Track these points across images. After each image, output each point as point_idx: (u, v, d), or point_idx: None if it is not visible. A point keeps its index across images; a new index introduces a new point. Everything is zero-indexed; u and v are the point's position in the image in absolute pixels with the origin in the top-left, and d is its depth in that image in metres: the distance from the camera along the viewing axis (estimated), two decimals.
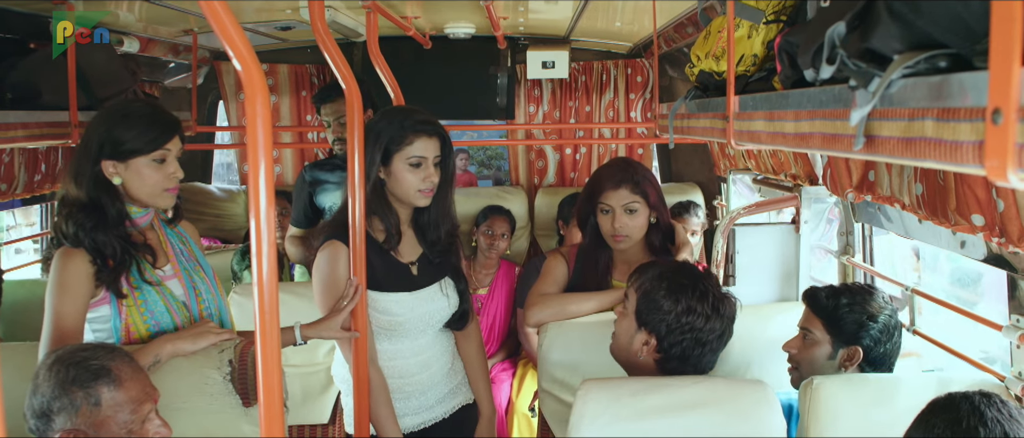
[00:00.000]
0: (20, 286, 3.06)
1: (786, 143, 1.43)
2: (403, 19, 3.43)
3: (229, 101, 4.54)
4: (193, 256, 2.19)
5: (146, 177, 1.99)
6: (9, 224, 5.39)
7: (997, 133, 0.74)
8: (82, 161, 1.98)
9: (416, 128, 2.21)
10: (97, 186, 1.97)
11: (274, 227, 1.13)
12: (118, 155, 1.96)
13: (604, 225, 2.46)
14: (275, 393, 1.14)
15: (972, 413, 1.43)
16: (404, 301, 2.29)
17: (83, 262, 1.94)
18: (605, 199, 2.44)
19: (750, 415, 1.81)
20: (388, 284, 2.28)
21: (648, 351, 1.97)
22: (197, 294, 2.12)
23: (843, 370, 2.02)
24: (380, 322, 2.28)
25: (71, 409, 1.59)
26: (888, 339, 2.01)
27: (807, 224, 2.91)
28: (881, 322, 2.00)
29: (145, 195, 2.01)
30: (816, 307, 2.07)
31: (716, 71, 2.02)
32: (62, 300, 1.91)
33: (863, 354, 2.00)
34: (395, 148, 2.20)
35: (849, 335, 2.00)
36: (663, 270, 2.02)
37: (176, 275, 2.10)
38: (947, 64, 0.91)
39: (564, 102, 4.68)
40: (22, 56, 2.52)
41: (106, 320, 1.99)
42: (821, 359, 2.04)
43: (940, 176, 1.83)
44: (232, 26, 1.08)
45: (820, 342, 2.05)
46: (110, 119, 1.99)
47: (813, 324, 2.06)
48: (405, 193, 2.23)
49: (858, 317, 2.00)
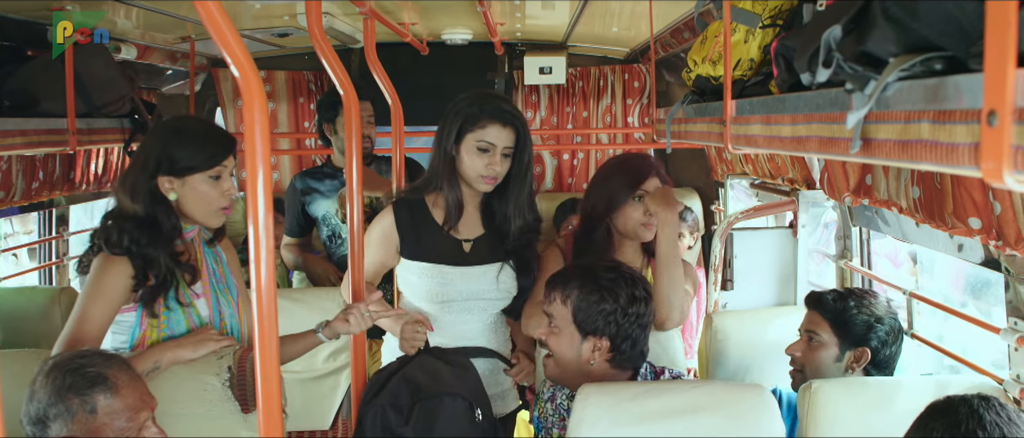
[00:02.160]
0: (18, 294, 3.05)
1: (783, 147, 1.44)
2: (400, 25, 3.43)
3: (227, 108, 4.54)
4: (223, 277, 2.18)
5: (202, 194, 1.99)
6: (7, 232, 5.38)
7: (992, 135, 0.74)
8: (138, 175, 1.98)
9: (493, 114, 2.23)
10: (153, 201, 1.97)
11: (272, 233, 1.13)
12: (174, 171, 1.97)
13: (634, 215, 2.33)
14: (274, 400, 1.14)
15: (970, 416, 1.43)
16: (448, 273, 2.30)
17: (125, 272, 1.94)
18: (645, 186, 2.34)
19: (749, 419, 1.80)
20: (435, 256, 2.30)
21: (601, 355, 1.96)
22: (221, 316, 2.11)
23: (850, 372, 2.03)
24: (422, 291, 2.30)
25: (67, 416, 1.59)
26: (894, 341, 2.04)
27: (805, 228, 2.92)
28: (887, 324, 2.02)
29: (199, 212, 2.02)
30: (823, 310, 2.08)
31: (713, 76, 2.03)
32: (93, 303, 1.91)
33: (871, 356, 2.01)
34: (468, 128, 2.23)
35: (858, 337, 2.03)
36: (583, 275, 1.99)
37: (205, 295, 2.09)
38: (942, 67, 0.91)
39: (561, 108, 4.69)
40: (20, 63, 2.52)
41: (128, 327, 1.99)
42: (828, 361, 2.06)
43: (937, 179, 1.83)
44: (230, 32, 1.08)
45: (827, 344, 2.06)
46: (167, 134, 2.00)
47: (819, 327, 2.07)
48: (468, 174, 2.26)
49: (866, 319, 2.02)
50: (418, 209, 2.32)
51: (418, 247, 2.31)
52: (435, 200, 2.34)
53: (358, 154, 2.12)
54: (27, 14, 2.48)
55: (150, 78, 3.81)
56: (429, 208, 2.33)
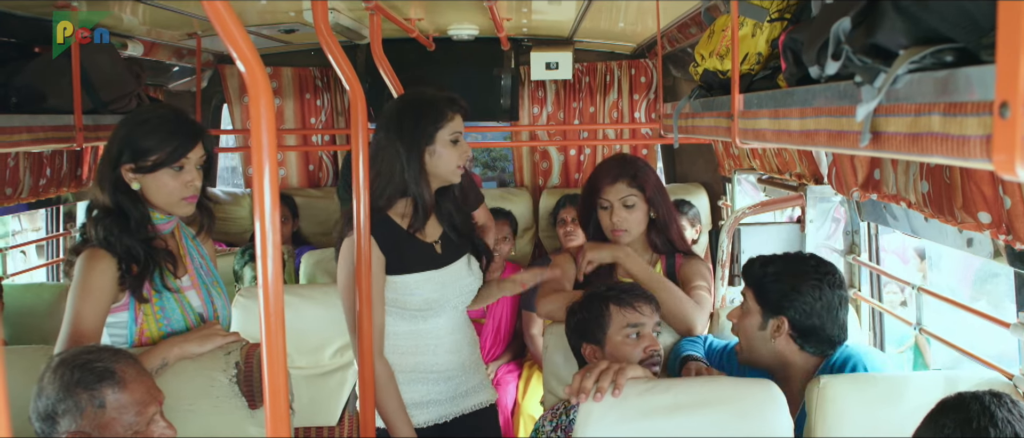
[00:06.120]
0: (26, 290, 3.07)
1: (792, 141, 1.43)
2: (406, 21, 3.43)
3: (233, 104, 4.55)
4: (210, 271, 2.20)
5: (163, 184, 2.00)
6: (15, 229, 5.40)
7: (1005, 127, 0.73)
8: (104, 167, 2.00)
9: (452, 106, 2.26)
10: (118, 191, 1.98)
11: (279, 230, 1.13)
12: (137, 163, 1.98)
13: (603, 221, 2.50)
14: (280, 395, 1.14)
15: (982, 413, 1.41)
16: (433, 278, 2.31)
17: (109, 265, 1.95)
18: (604, 195, 2.48)
19: (756, 414, 1.80)
20: (414, 265, 2.29)
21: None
22: (214, 306, 2.12)
23: (774, 340, 2.01)
24: (411, 303, 2.29)
25: (76, 411, 1.60)
26: (821, 312, 1.97)
27: (812, 223, 2.91)
28: (810, 294, 1.96)
29: (163, 202, 2.02)
30: (748, 276, 2.06)
31: (720, 70, 2.02)
32: (83, 301, 1.92)
33: (790, 325, 1.98)
34: (439, 125, 2.24)
35: (774, 305, 1.99)
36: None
37: (194, 286, 2.10)
38: (953, 58, 0.90)
39: (568, 103, 4.68)
40: (27, 60, 2.52)
41: (124, 325, 2.00)
42: (752, 329, 2.04)
43: (946, 173, 1.82)
44: (236, 28, 1.07)
45: (751, 312, 2.04)
46: (130, 125, 2.01)
47: (748, 293, 2.06)
48: (444, 169, 2.27)
49: (783, 287, 1.98)
50: (383, 223, 2.28)
51: (402, 261, 2.28)
52: (395, 210, 2.31)
53: (364, 154, 2.11)
54: (34, 11, 2.48)
55: (157, 75, 3.82)
56: (394, 220, 2.30)
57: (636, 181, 2.46)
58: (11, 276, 3.41)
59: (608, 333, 2.13)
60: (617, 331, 2.12)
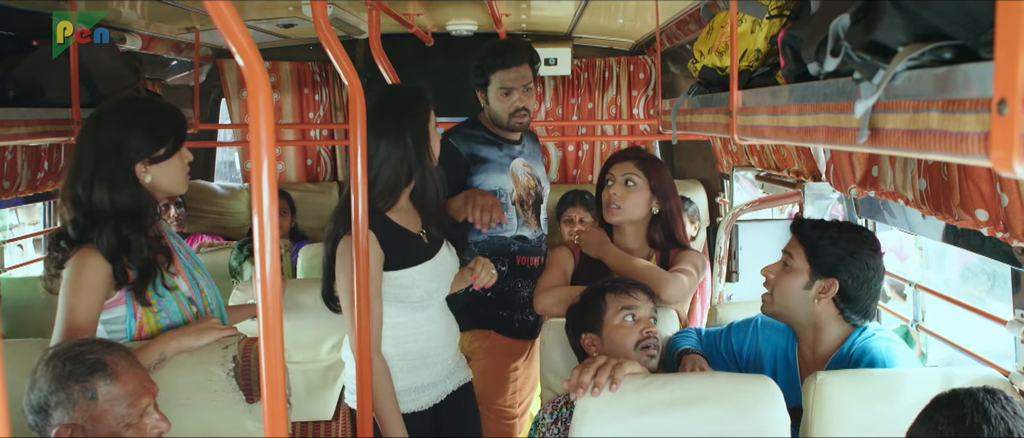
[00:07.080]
0: (23, 283, 3.06)
1: (790, 137, 1.43)
2: (405, 16, 3.42)
3: (231, 99, 4.54)
4: (188, 253, 2.21)
5: (174, 168, 2.05)
6: (12, 223, 5.39)
7: (1003, 124, 0.74)
8: (113, 169, 1.96)
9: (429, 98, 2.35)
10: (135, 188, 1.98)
11: (277, 223, 1.13)
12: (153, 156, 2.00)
13: (604, 196, 2.56)
14: (278, 389, 1.14)
15: (976, 410, 1.42)
16: (429, 269, 2.35)
17: (101, 263, 1.94)
18: (611, 171, 2.56)
19: (754, 411, 1.80)
20: (413, 259, 2.33)
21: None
22: (201, 290, 2.13)
23: (817, 302, 2.01)
24: (412, 296, 2.33)
25: (68, 403, 1.60)
26: (868, 282, 2.00)
27: None
28: (862, 262, 1.99)
29: (172, 186, 2.06)
30: (801, 235, 2.06)
31: (719, 67, 2.02)
32: (76, 297, 1.91)
33: (840, 288, 1.99)
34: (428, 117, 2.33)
35: (828, 267, 2.00)
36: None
37: (181, 273, 2.11)
38: (952, 55, 0.90)
39: (566, 99, 4.68)
40: (25, 53, 2.52)
41: (121, 320, 2.00)
42: (797, 287, 2.04)
43: (944, 171, 1.82)
44: (235, 23, 1.07)
45: (799, 270, 2.04)
46: (129, 125, 1.99)
47: (795, 251, 2.06)
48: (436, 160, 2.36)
49: (839, 252, 2.00)
50: (380, 221, 2.28)
51: (402, 256, 2.30)
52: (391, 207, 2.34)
53: (363, 149, 2.11)
54: (32, 4, 2.48)
55: (155, 69, 3.81)
56: (388, 216, 2.32)
57: (643, 165, 2.53)
58: (8, 270, 3.41)
59: (605, 319, 2.16)
60: (613, 315, 2.16)
